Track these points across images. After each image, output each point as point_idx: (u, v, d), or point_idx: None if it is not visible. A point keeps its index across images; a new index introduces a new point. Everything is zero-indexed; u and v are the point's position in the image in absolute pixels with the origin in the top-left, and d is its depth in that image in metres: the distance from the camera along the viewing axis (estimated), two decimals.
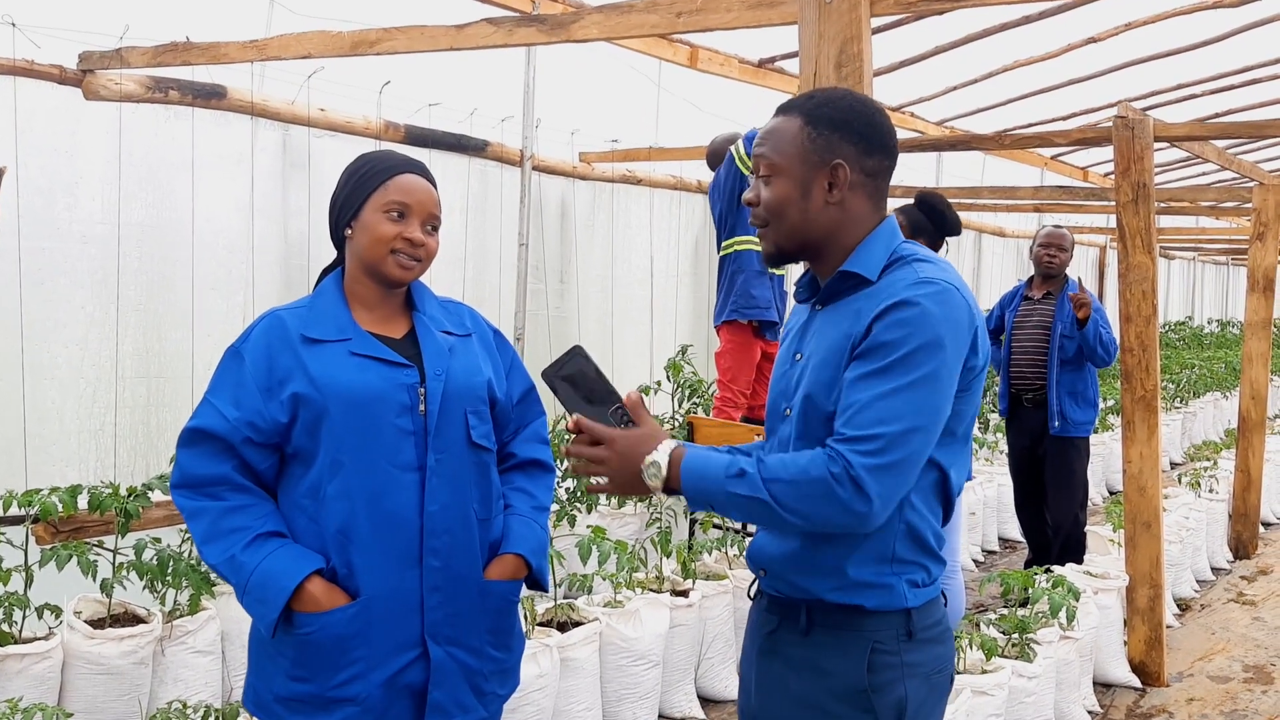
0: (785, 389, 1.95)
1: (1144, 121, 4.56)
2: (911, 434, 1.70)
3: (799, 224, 1.86)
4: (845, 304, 1.85)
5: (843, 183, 1.84)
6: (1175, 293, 19.60)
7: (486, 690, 2.20)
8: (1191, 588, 6.18)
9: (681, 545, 4.42)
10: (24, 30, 3.99)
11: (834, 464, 1.68)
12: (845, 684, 1.83)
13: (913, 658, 1.85)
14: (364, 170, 2.17)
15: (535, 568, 2.27)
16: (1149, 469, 4.70)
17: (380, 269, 2.14)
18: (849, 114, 1.85)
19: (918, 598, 1.85)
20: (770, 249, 1.92)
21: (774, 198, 1.86)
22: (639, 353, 7.24)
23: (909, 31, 6.16)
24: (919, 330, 1.71)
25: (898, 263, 1.84)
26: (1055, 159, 10.48)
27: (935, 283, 1.76)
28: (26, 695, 3.25)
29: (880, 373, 1.71)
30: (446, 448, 2.14)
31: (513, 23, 2.98)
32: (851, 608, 1.83)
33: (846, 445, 1.69)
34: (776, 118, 1.90)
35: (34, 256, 4.22)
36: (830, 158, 1.83)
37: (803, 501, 1.69)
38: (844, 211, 1.86)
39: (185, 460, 2.11)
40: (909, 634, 1.84)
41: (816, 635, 1.87)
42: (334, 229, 2.23)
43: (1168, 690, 4.74)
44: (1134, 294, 4.63)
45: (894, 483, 1.70)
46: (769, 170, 1.87)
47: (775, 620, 1.94)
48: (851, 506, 1.67)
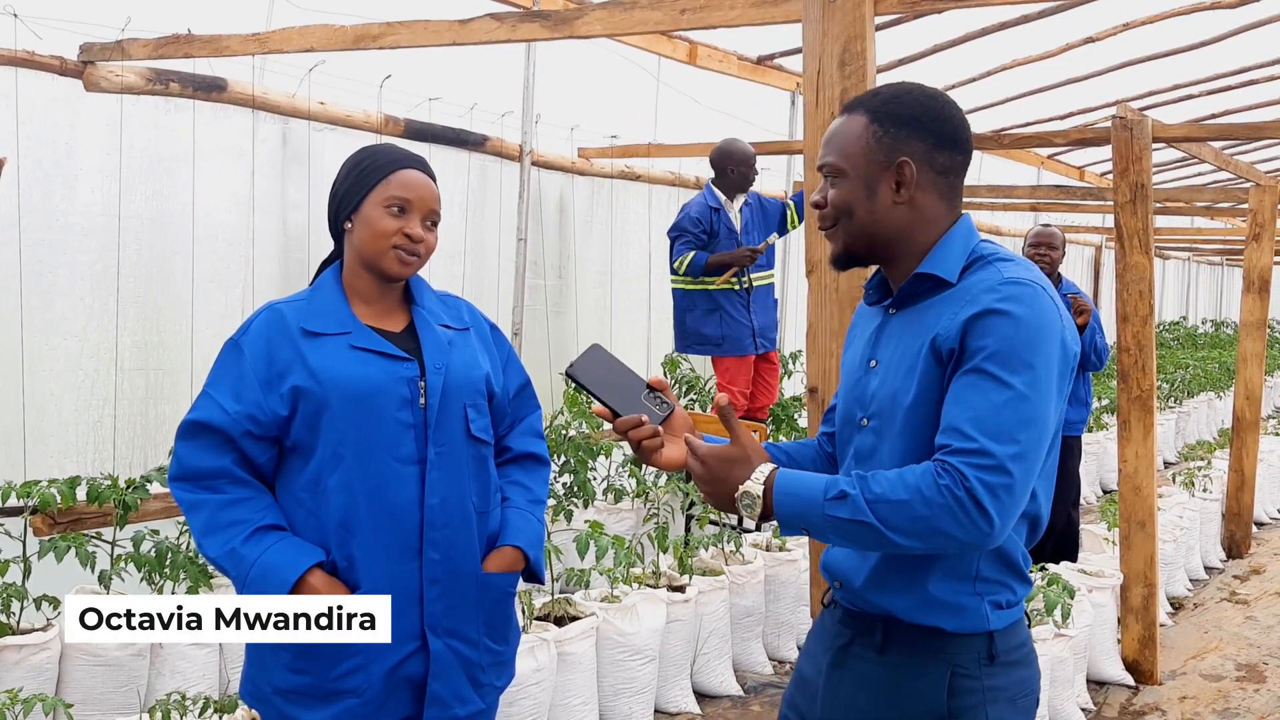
0: (861, 398, 1.85)
1: (1142, 122, 4.58)
2: (1026, 447, 1.60)
3: (867, 224, 1.79)
4: (924, 307, 1.78)
5: (910, 181, 1.77)
6: (1170, 293, 19.64)
7: (484, 682, 2.21)
8: (1185, 586, 6.21)
9: (678, 541, 4.43)
10: (25, 21, 3.99)
11: (949, 479, 1.56)
12: (923, 709, 1.75)
13: (995, 682, 1.76)
14: (365, 164, 2.17)
15: (532, 560, 2.28)
16: (1144, 468, 4.72)
17: (379, 264, 2.15)
18: (917, 109, 1.78)
19: (1001, 620, 1.76)
20: (839, 250, 1.85)
21: (840, 198, 1.80)
22: (637, 348, 7.25)
23: (908, 30, 6.17)
24: (1019, 337, 1.63)
25: (978, 263, 1.77)
26: (1051, 158, 10.51)
27: (1023, 283, 1.68)
28: (25, 686, 3.26)
29: (986, 384, 1.61)
30: (446, 441, 2.15)
31: (516, 18, 2.99)
32: (930, 629, 1.75)
33: (960, 459, 1.57)
34: (842, 116, 1.84)
35: (34, 248, 4.21)
36: (896, 156, 1.77)
37: (916, 522, 1.57)
38: (914, 211, 1.79)
39: (184, 453, 2.11)
40: (991, 657, 1.75)
41: (892, 655, 1.78)
42: (333, 222, 2.23)
43: (1161, 688, 4.76)
44: (1131, 294, 4.64)
45: (1013, 500, 1.58)
46: (834, 172, 1.81)
47: (849, 634, 1.86)
48: (973, 527, 1.56)
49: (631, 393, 1.84)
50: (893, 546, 1.60)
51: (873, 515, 1.59)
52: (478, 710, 2.21)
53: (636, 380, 1.85)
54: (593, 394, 1.83)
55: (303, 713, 2.10)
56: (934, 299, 1.77)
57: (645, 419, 1.79)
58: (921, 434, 1.71)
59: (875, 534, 1.59)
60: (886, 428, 1.77)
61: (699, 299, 5.80)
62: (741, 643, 4.55)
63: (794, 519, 1.65)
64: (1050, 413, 1.65)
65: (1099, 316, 5.67)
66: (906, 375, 1.74)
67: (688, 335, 5.89)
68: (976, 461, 1.57)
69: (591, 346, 1.89)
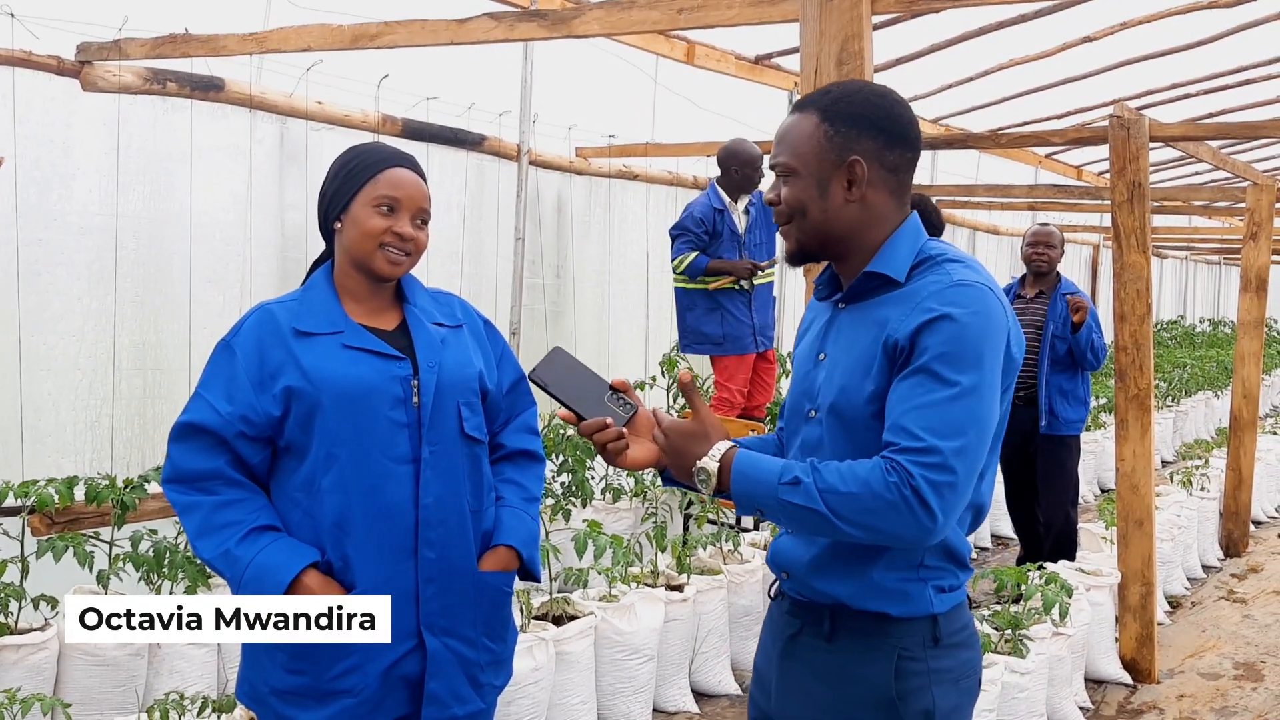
0: (809, 390, 1.89)
1: (1140, 121, 4.58)
2: (970, 444, 1.64)
3: (820, 222, 1.81)
4: (873, 305, 1.81)
5: (861, 179, 1.79)
6: (1168, 292, 19.65)
7: (483, 681, 2.21)
8: (1183, 585, 6.21)
9: (676, 540, 4.43)
10: (23, 21, 3.99)
11: (896, 477, 1.61)
12: (871, 692, 1.79)
13: (940, 664, 1.80)
14: (354, 164, 2.16)
15: (526, 559, 2.27)
16: (1142, 467, 4.72)
17: (369, 264, 2.14)
18: (867, 108, 1.80)
19: (944, 603, 1.81)
20: (792, 247, 1.87)
21: (793, 197, 1.82)
22: (634, 347, 7.25)
23: (905, 29, 6.18)
24: (966, 339, 1.67)
25: (926, 263, 1.79)
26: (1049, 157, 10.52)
27: (971, 285, 1.71)
28: (23, 686, 3.25)
29: (932, 383, 1.65)
30: (440, 440, 2.14)
31: (514, 18, 2.99)
32: (876, 614, 1.79)
33: (906, 457, 1.62)
34: (793, 115, 1.85)
35: (31, 248, 4.21)
36: (848, 155, 1.78)
37: (863, 515, 1.63)
38: (866, 209, 1.81)
39: (177, 455, 2.10)
40: (935, 640, 1.80)
41: (841, 641, 1.82)
42: (323, 222, 2.22)
43: (1159, 687, 4.76)
44: (1128, 293, 4.65)
45: (957, 496, 1.64)
46: (786, 171, 1.82)
47: (798, 624, 1.89)
48: (917, 522, 1.61)
49: (595, 395, 1.85)
50: (840, 535, 1.66)
51: (823, 504, 1.64)
52: (476, 710, 2.21)
53: (599, 382, 1.87)
54: (556, 397, 1.85)
55: (299, 713, 2.10)
56: (883, 297, 1.80)
57: (610, 421, 1.81)
58: (869, 429, 1.75)
59: (824, 521, 1.65)
60: (833, 421, 1.80)
61: (699, 298, 5.80)
62: (740, 642, 4.55)
63: (747, 499, 1.71)
64: (993, 409, 1.70)
65: (1097, 315, 5.66)
66: (854, 370, 1.78)
67: (689, 334, 5.89)
68: (922, 460, 1.62)
69: (553, 350, 1.90)
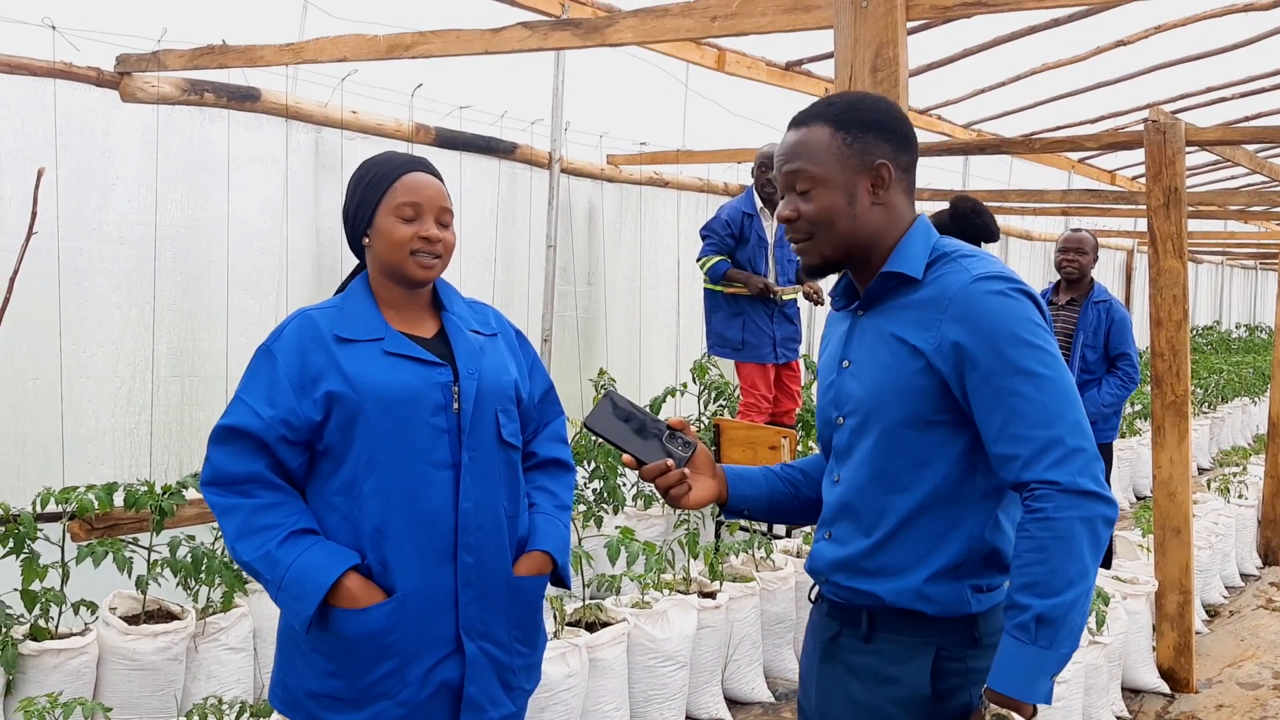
0: (837, 398, 1.90)
1: (1176, 125, 4.54)
2: (1079, 416, 1.67)
3: (848, 231, 1.81)
4: (894, 306, 1.82)
5: (888, 182, 1.81)
6: (1203, 297, 19.46)
7: (515, 685, 2.22)
8: (1220, 594, 6.14)
9: (709, 547, 4.43)
10: (63, 33, 4.04)
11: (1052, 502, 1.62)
12: (909, 692, 1.78)
13: (979, 664, 1.78)
14: (369, 177, 2.19)
15: (559, 565, 2.29)
16: (1179, 474, 4.67)
17: (402, 271, 2.16)
18: (878, 114, 1.83)
19: (982, 603, 1.80)
20: (815, 261, 1.85)
21: (819, 210, 1.81)
22: (665, 355, 7.26)
23: (937, 34, 6.14)
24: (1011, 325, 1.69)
25: (942, 260, 1.81)
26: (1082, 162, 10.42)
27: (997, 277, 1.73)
28: (63, 690, 3.29)
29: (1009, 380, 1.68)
30: (479, 446, 2.16)
31: (548, 27, 3.00)
32: (914, 613, 1.79)
33: (1037, 469, 1.64)
34: (799, 130, 1.84)
35: (71, 257, 4.27)
36: (872, 159, 1.80)
37: (1074, 562, 1.62)
38: (888, 211, 1.83)
39: (217, 458, 2.11)
40: (974, 640, 1.79)
41: (879, 642, 1.83)
42: (352, 239, 2.25)
43: (1196, 696, 4.71)
44: (1165, 299, 4.60)
45: (1100, 465, 1.67)
46: (808, 184, 1.81)
47: (836, 626, 1.90)
48: (1108, 516, 1.64)
49: (652, 437, 1.86)
50: (1087, 579, 1.64)
51: (1061, 601, 1.61)
52: (509, 713, 2.22)
53: (655, 423, 1.87)
54: (613, 444, 1.85)
55: (335, 717, 2.11)
56: (904, 297, 1.81)
57: (670, 463, 1.84)
58: (902, 430, 1.78)
59: (1078, 603, 1.62)
60: (864, 425, 1.82)
61: (723, 302, 5.79)
62: (773, 649, 4.54)
63: (1018, 679, 1.65)
64: (1070, 377, 1.71)
65: (1128, 322, 5.60)
66: (881, 373, 1.80)
67: (712, 336, 5.90)
68: (1055, 459, 1.64)
69: (604, 396, 1.91)
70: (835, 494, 1.90)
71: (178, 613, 3.70)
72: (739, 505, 2.00)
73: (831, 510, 1.91)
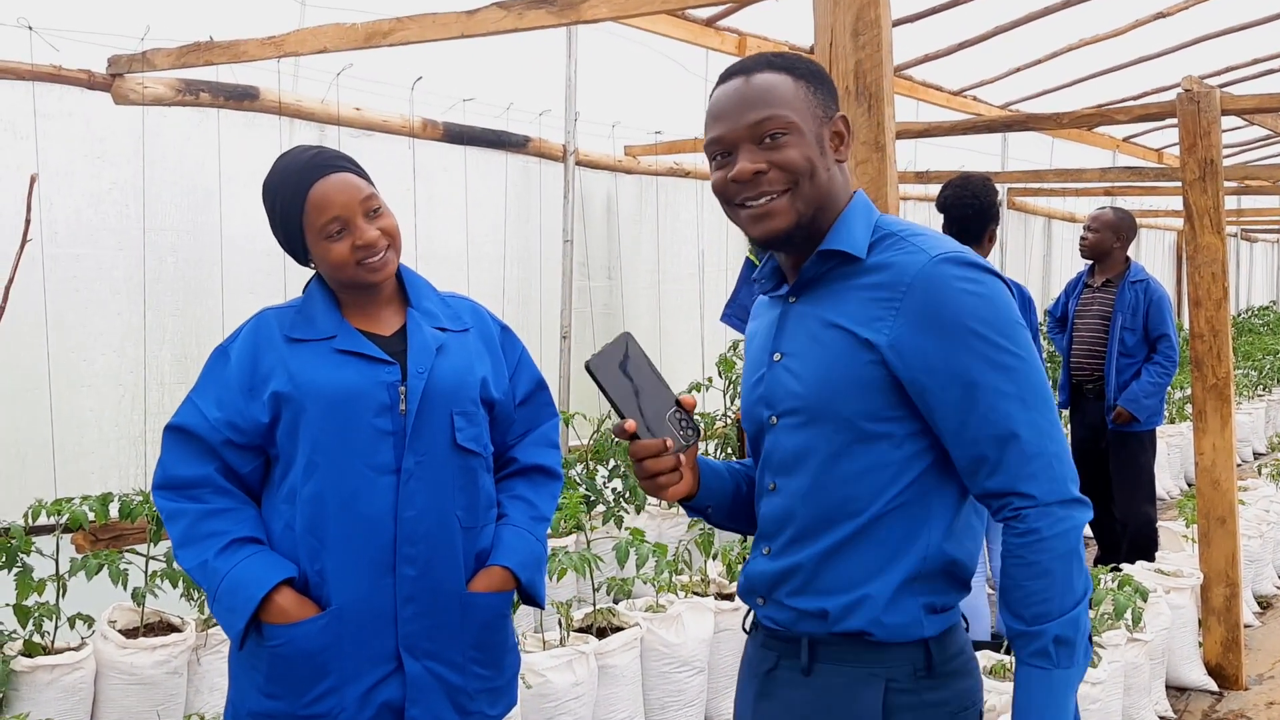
0: (768, 396, 1.67)
1: (1210, 94, 4.32)
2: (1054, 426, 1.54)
3: (825, 185, 1.59)
4: (834, 290, 1.60)
5: (846, 139, 1.62)
6: (1259, 276, 18.95)
7: (472, 710, 2.08)
8: (1273, 584, 5.88)
9: (727, 548, 4.28)
10: (41, 34, 3.96)
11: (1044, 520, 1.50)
12: None
13: (935, 696, 1.58)
14: (278, 205, 2.08)
15: (525, 581, 2.13)
16: (1222, 461, 4.46)
17: (355, 282, 2.06)
18: (820, 70, 1.63)
19: (935, 625, 1.59)
20: (786, 223, 1.58)
21: (800, 156, 1.56)
22: (690, 348, 7.10)
23: (967, 11, 5.94)
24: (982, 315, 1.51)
25: (888, 239, 1.59)
26: (1128, 140, 10.11)
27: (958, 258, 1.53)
28: (58, 707, 3.22)
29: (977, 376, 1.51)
30: (427, 450, 2.03)
31: (522, 6, 2.88)
32: (857, 637, 1.58)
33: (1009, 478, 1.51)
34: (747, 77, 1.59)
35: (68, 264, 4.20)
36: (832, 112, 1.61)
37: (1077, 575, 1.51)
38: (842, 177, 1.63)
39: (168, 459, 2.05)
40: (928, 668, 1.58)
41: (821, 675, 1.61)
42: (299, 261, 2.15)
43: (1246, 694, 4.49)
44: (1203, 276, 4.39)
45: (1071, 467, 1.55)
46: (783, 127, 1.56)
47: (773, 657, 1.68)
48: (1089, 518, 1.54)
49: (658, 408, 1.61)
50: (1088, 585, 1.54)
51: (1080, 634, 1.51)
52: None
53: (665, 393, 1.62)
54: (613, 402, 1.59)
55: None
56: (844, 281, 1.60)
57: (669, 444, 1.60)
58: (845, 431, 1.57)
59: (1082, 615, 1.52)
60: (805, 425, 1.60)
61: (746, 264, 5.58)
62: None
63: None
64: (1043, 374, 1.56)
65: (1169, 303, 5.36)
66: (825, 367, 1.58)
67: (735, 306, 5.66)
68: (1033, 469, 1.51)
69: (621, 336, 1.63)
70: (773, 504, 1.68)
71: (178, 625, 3.63)
72: (705, 500, 1.76)
73: (771, 522, 1.68)
